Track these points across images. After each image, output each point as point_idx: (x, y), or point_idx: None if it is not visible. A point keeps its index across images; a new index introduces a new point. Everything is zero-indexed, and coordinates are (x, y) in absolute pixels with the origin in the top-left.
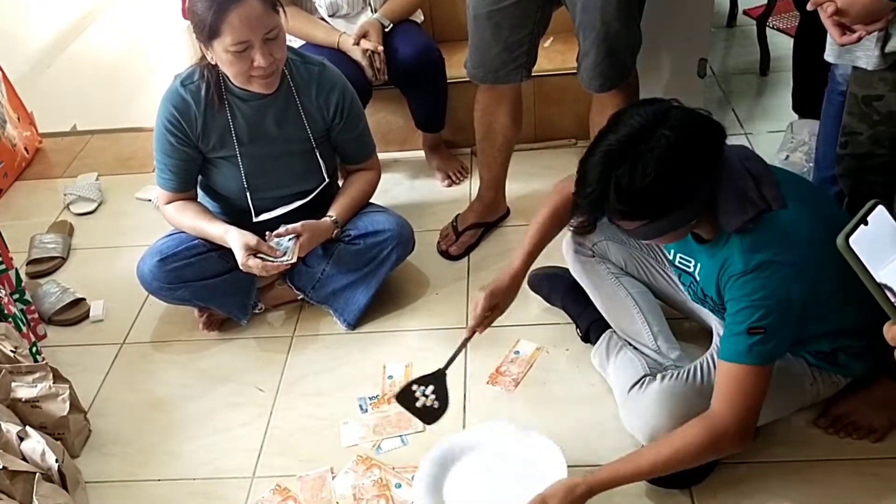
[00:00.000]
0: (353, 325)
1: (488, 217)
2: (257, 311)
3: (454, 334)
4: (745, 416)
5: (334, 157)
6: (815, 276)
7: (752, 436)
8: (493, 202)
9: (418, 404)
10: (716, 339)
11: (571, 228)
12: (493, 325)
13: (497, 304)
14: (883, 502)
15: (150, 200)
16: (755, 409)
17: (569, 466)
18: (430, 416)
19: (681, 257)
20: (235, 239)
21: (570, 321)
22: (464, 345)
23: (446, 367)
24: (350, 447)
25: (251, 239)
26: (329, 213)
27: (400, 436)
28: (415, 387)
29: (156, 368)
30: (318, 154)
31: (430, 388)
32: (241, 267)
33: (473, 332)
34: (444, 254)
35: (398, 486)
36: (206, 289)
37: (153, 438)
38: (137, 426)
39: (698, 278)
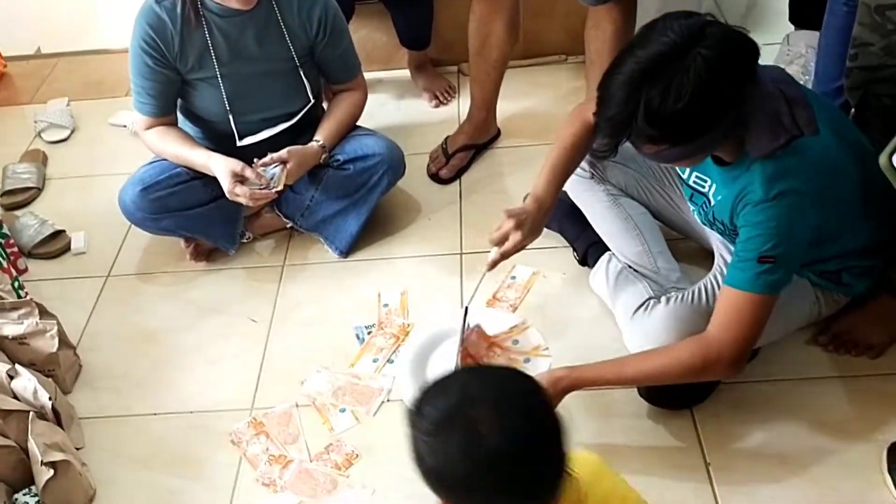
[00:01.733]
0: (345, 252)
1: (479, 138)
2: (245, 241)
3: (449, 260)
4: (741, 345)
5: (319, 77)
6: (833, 204)
7: (743, 365)
8: (483, 123)
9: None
10: (718, 260)
11: (598, 154)
12: (489, 250)
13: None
14: (884, 418)
15: (124, 126)
16: (752, 339)
17: None
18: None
19: (697, 177)
20: (220, 166)
21: (567, 244)
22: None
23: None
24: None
25: (236, 165)
26: (316, 138)
27: (352, 409)
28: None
29: (144, 301)
30: (301, 73)
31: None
32: (227, 195)
33: (491, 267)
34: (435, 177)
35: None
36: (192, 218)
37: (146, 372)
38: (129, 360)
39: (712, 201)
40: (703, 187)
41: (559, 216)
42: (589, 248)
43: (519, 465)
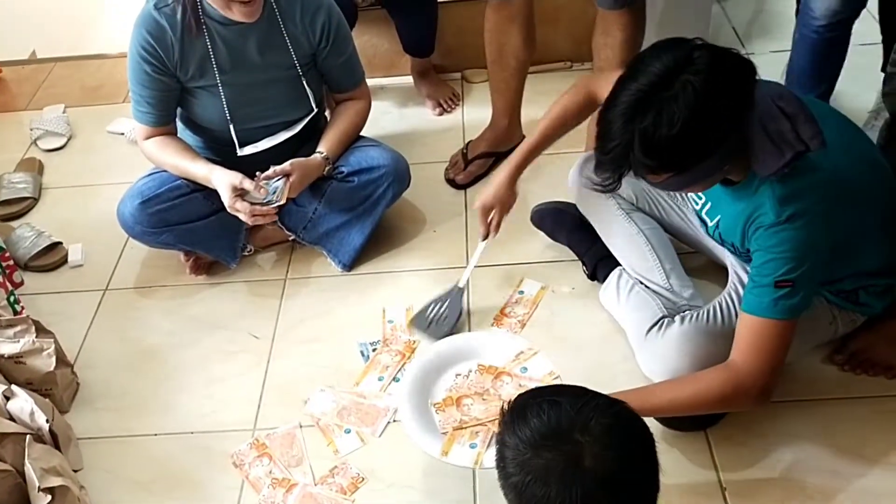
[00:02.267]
0: (349, 266)
1: (500, 146)
2: (247, 254)
3: (455, 274)
4: (769, 375)
5: (321, 85)
6: (848, 220)
7: (772, 393)
8: (505, 131)
9: (429, 321)
10: (733, 277)
11: (596, 188)
12: (496, 264)
13: (497, 211)
14: None
15: (122, 134)
16: (779, 366)
17: None
18: (437, 331)
19: (693, 196)
20: (221, 180)
21: (575, 258)
22: (478, 256)
23: (462, 284)
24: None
25: (235, 178)
26: (319, 150)
27: (357, 430)
28: (431, 307)
29: (143, 315)
30: (304, 82)
31: (446, 303)
32: (228, 210)
33: (486, 238)
34: (451, 182)
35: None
36: (192, 232)
37: (146, 390)
38: (128, 378)
39: (709, 221)
40: (698, 205)
41: (567, 229)
42: (598, 263)
43: (612, 501)
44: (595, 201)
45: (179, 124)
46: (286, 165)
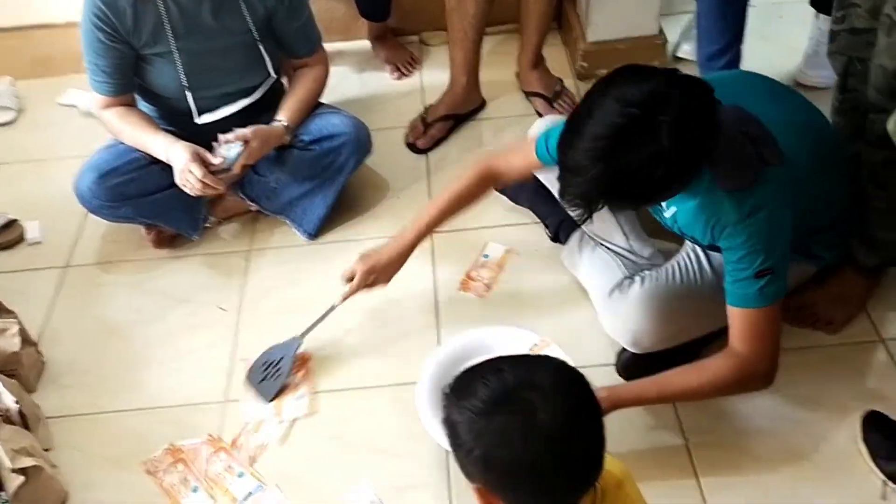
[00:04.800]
0: (314, 235)
1: (459, 108)
2: (208, 225)
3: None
4: (772, 357)
5: (279, 51)
6: (807, 193)
7: (776, 374)
8: (464, 91)
9: (263, 377)
10: (688, 242)
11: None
12: (459, 229)
13: (377, 278)
14: (853, 387)
15: (75, 106)
16: (778, 346)
17: None
18: (265, 391)
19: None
20: (179, 156)
21: (538, 221)
22: (327, 313)
23: (303, 335)
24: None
25: (195, 152)
26: (278, 118)
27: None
28: (266, 358)
29: (106, 292)
30: (261, 47)
31: (280, 359)
32: (177, 183)
33: (344, 300)
34: (412, 147)
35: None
36: (152, 205)
37: (113, 367)
38: (94, 355)
39: (677, 220)
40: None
41: (529, 192)
42: (561, 225)
43: (572, 447)
44: (554, 168)
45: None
46: (247, 131)
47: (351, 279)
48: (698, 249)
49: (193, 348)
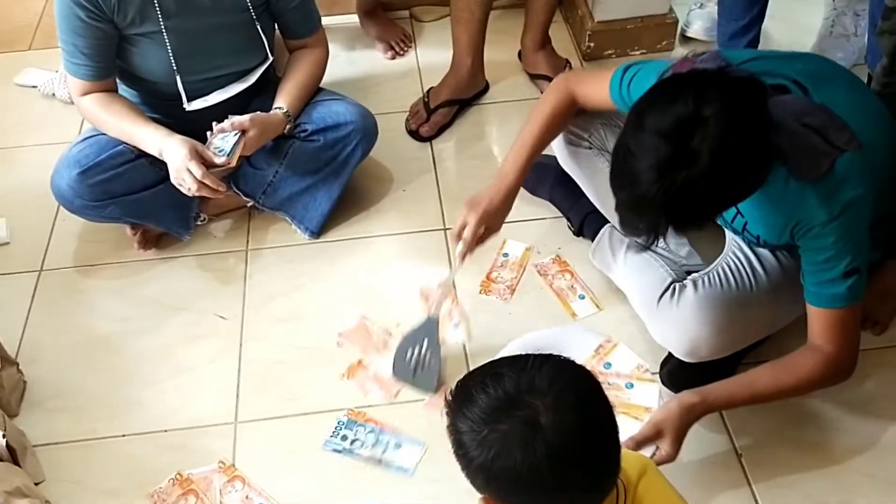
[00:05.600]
0: (317, 233)
1: (464, 93)
2: (200, 223)
3: (432, 237)
4: (855, 352)
5: (274, 30)
6: (879, 185)
7: (856, 363)
8: (468, 73)
9: (413, 369)
10: (731, 234)
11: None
12: None
13: (488, 227)
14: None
15: (35, 87)
16: (859, 338)
17: None
18: (425, 380)
19: None
20: (175, 150)
21: (559, 215)
22: (450, 280)
23: (435, 312)
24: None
25: (194, 147)
26: (277, 105)
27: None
28: (407, 351)
29: (88, 299)
30: (258, 26)
31: (424, 342)
32: (173, 181)
33: (464, 259)
34: (414, 134)
35: None
36: (140, 203)
37: (104, 386)
38: (82, 372)
39: (743, 219)
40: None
41: (550, 184)
42: (585, 219)
43: (580, 458)
44: (580, 158)
45: None
46: (245, 119)
47: (461, 235)
48: (746, 249)
49: (194, 363)
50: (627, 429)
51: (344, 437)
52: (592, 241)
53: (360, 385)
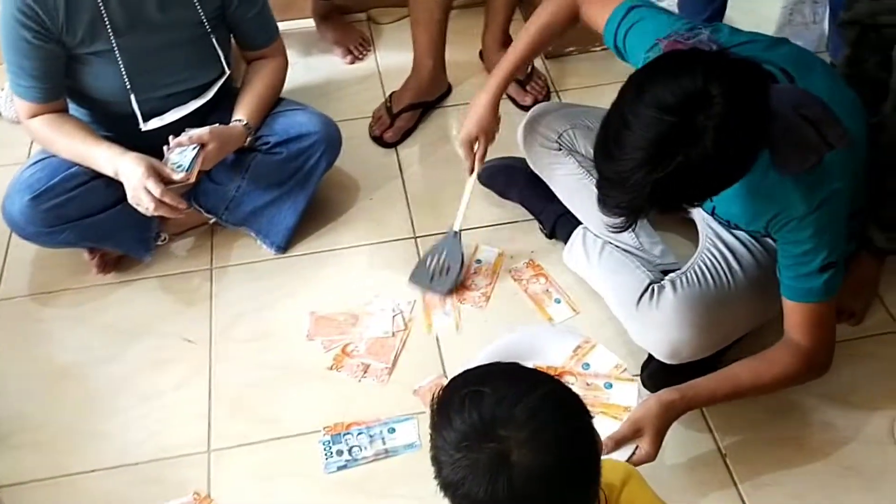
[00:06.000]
0: (283, 247)
1: (427, 95)
2: (160, 243)
3: (402, 246)
4: (831, 346)
5: (230, 42)
6: (855, 178)
7: (832, 357)
8: (431, 76)
9: (431, 275)
10: (706, 231)
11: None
12: (444, 231)
13: (479, 139)
14: (883, 383)
15: None
16: (835, 333)
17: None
18: (442, 284)
19: None
20: (131, 169)
21: (531, 218)
22: (469, 193)
23: (457, 229)
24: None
25: (151, 164)
26: (237, 117)
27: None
28: (429, 259)
29: (47, 328)
30: (213, 40)
31: (444, 252)
32: (130, 201)
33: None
34: (378, 140)
35: None
36: (96, 226)
37: (70, 418)
38: (46, 405)
39: (715, 204)
40: None
41: (520, 186)
42: (558, 220)
43: (550, 495)
44: (551, 160)
45: None
46: (203, 132)
47: (470, 147)
48: (721, 246)
49: (162, 390)
50: (607, 428)
51: (339, 452)
52: (565, 243)
53: (351, 372)
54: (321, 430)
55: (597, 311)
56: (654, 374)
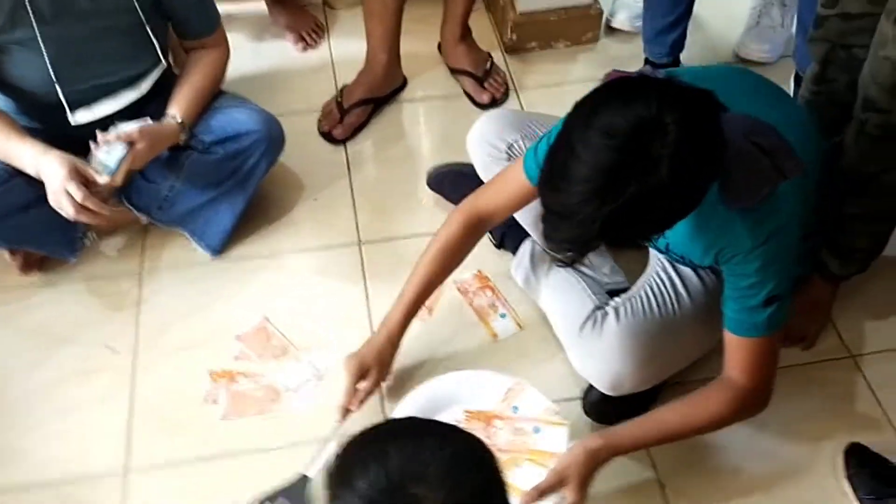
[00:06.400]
0: (219, 250)
1: (379, 91)
2: (88, 243)
3: (346, 252)
4: (770, 384)
5: (167, 30)
6: (807, 206)
7: (771, 395)
8: (384, 70)
9: None
10: (655, 254)
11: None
12: (391, 237)
13: (371, 372)
14: (829, 412)
15: None
16: (775, 370)
17: None
18: None
19: None
20: (53, 168)
21: None
22: (329, 443)
23: (309, 471)
24: None
25: (73, 164)
26: (170, 113)
27: None
28: None
29: None
30: (148, 29)
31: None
32: (51, 203)
33: (347, 413)
34: (327, 136)
35: None
36: (17, 228)
37: None
38: None
39: (668, 239)
40: None
41: (468, 194)
42: (507, 231)
43: None
44: (499, 170)
45: None
46: (132, 129)
47: (357, 380)
48: (669, 269)
49: (81, 403)
50: (534, 476)
51: None
52: (514, 254)
53: (209, 395)
54: (263, 451)
55: (542, 329)
56: (596, 403)
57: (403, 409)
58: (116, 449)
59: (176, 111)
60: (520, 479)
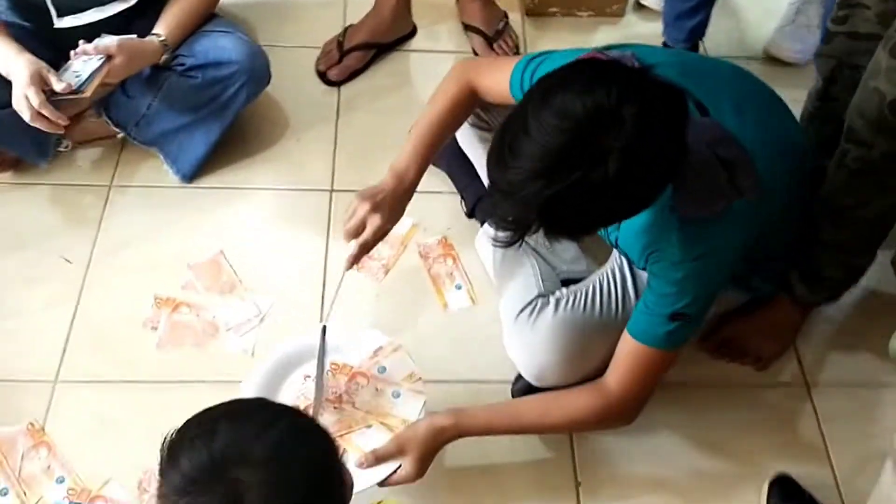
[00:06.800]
0: (190, 176)
1: (384, 36)
2: (62, 150)
3: (316, 197)
4: (641, 401)
5: None
6: (770, 226)
7: (639, 412)
8: (394, 15)
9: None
10: (616, 255)
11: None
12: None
13: (382, 210)
14: (765, 436)
15: None
16: (651, 391)
17: (444, 381)
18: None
19: None
20: (21, 68)
21: (455, 191)
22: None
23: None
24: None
25: (40, 68)
26: (155, 31)
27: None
28: None
29: None
30: None
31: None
32: (13, 104)
33: (352, 264)
34: (323, 76)
35: None
36: None
37: None
38: None
39: (617, 234)
40: None
41: (448, 155)
42: (479, 200)
43: None
44: (480, 141)
45: None
46: (112, 43)
47: (356, 233)
48: (625, 267)
49: (25, 308)
50: (379, 441)
51: None
52: (482, 226)
53: (149, 320)
54: (176, 382)
55: (495, 308)
56: (521, 390)
57: (272, 353)
58: (51, 357)
59: (161, 29)
60: (367, 439)
